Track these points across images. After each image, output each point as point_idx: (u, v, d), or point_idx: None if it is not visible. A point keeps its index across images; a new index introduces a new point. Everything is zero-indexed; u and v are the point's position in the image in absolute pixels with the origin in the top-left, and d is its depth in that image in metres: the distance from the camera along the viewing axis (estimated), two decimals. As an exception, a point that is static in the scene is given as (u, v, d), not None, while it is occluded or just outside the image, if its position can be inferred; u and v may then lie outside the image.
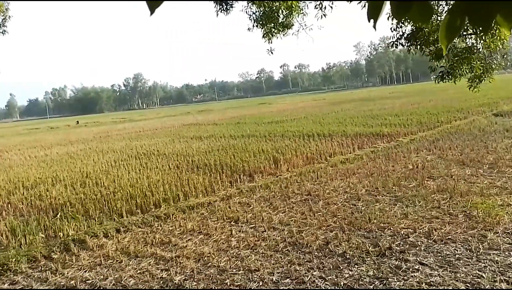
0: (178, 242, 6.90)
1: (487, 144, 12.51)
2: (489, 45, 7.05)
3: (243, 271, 5.64)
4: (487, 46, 7.12)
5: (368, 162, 11.78)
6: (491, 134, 14.25)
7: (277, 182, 10.32)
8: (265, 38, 9.79)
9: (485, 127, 15.97)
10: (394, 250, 5.83)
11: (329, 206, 8.06)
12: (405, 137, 15.60)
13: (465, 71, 7.62)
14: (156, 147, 19.30)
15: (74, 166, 15.50)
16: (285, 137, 18.46)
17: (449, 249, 5.69)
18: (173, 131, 29.19)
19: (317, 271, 5.45)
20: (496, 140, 13.14)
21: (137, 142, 22.83)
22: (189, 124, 34.80)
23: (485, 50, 7.38)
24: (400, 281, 4.99)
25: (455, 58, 7.49)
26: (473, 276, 4.91)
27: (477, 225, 6.37)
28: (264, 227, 7.21)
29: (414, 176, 9.59)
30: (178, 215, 8.36)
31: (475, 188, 8.19)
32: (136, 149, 19.25)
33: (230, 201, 9.08)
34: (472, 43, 7.52)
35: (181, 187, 10.27)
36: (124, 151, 19.20)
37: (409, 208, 7.48)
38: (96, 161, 16.57)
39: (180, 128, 31.28)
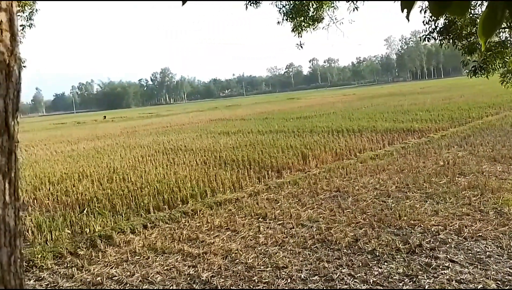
0: (206, 239, 6.88)
1: (519, 140, 12.04)
2: None
3: (271, 268, 5.61)
4: None
5: (398, 158, 11.55)
6: (525, 130, 13.70)
7: (305, 178, 10.27)
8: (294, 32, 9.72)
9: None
10: (424, 247, 5.71)
11: (359, 203, 7.96)
12: (436, 133, 15.22)
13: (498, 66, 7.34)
14: (183, 142, 19.36)
15: (101, 161, 15.53)
16: (313, 133, 18.32)
17: (480, 247, 5.53)
18: (201, 126, 29.39)
19: (346, 268, 5.40)
20: (529, 136, 12.62)
21: (164, 137, 22.93)
22: (217, 119, 34.93)
23: None
24: (430, 279, 4.89)
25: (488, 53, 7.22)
26: (504, 274, 4.76)
27: (508, 222, 6.17)
28: (292, 224, 7.18)
29: (445, 173, 9.34)
30: (206, 211, 8.38)
31: (507, 185, 7.95)
32: (163, 144, 19.30)
33: (258, 197, 9.08)
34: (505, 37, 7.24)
35: (209, 183, 10.33)
36: (151, 146, 19.25)
37: (439, 205, 7.30)
38: (123, 156, 16.61)
39: (207, 123, 31.47)
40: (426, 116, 20.17)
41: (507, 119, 16.86)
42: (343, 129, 18.33)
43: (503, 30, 7.05)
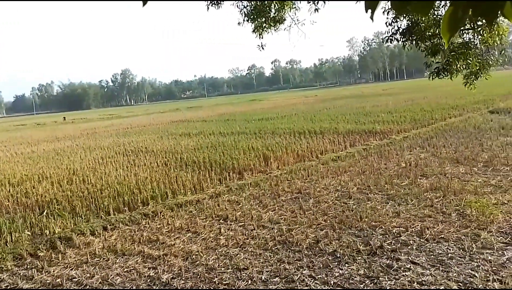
0: (166, 240, 6.77)
1: (482, 142, 12.46)
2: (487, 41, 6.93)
3: (231, 270, 5.52)
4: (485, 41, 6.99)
5: (360, 159, 11.69)
6: (486, 132, 14.21)
7: (267, 180, 10.19)
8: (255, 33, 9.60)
9: (480, 125, 15.91)
10: (386, 249, 5.73)
11: (320, 204, 7.94)
12: (398, 135, 15.53)
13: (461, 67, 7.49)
14: (144, 144, 19.08)
15: (61, 163, 15.29)
16: (275, 134, 18.32)
17: (442, 248, 5.60)
18: (162, 127, 28.96)
19: (307, 269, 5.34)
20: (491, 138, 13.10)
21: (124, 139, 22.61)
22: (178, 121, 34.57)
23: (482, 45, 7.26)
24: (391, 280, 4.88)
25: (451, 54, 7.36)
26: (466, 276, 4.81)
27: (470, 224, 6.29)
28: (253, 225, 7.08)
29: (407, 174, 9.50)
30: (166, 213, 8.22)
31: (469, 187, 8.11)
32: (124, 146, 19.04)
33: (219, 199, 8.93)
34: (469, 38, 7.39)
35: (169, 184, 10.11)
36: (111, 148, 18.98)
37: (401, 207, 7.38)
38: (83, 158, 16.34)
39: (168, 125, 31.03)
40: (388, 118, 20.58)
41: (470, 121, 17.33)
42: (305, 130, 18.43)
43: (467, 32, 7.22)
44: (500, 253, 5.29)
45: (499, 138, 12.87)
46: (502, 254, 5.25)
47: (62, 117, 67.58)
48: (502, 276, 4.71)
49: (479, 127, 15.34)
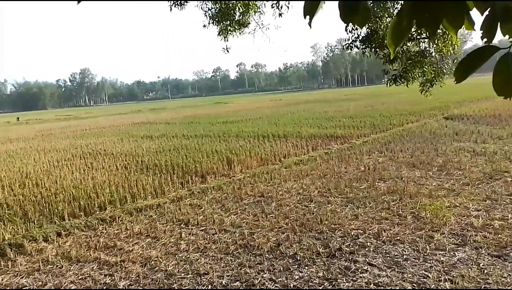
0: (124, 246, 6.59)
1: (437, 147, 12.97)
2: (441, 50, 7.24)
3: (191, 275, 5.45)
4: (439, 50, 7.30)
5: (322, 163, 11.87)
6: (441, 137, 14.82)
7: (230, 183, 10.15)
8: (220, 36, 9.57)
9: (435, 130, 16.59)
10: (344, 251, 5.83)
11: (282, 208, 8.00)
12: (358, 139, 15.91)
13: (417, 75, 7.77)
14: (103, 146, 18.59)
15: (13, 166, 14.62)
16: (239, 138, 18.31)
17: (397, 250, 5.76)
18: (122, 129, 28.30)
19: (268, 273, 5.35)
20: (446, 143, 13.67)
21: (82, 141, 21.93)
22: (140, 123, 33.93)
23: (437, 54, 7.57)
24: (349, 282, 4.97)
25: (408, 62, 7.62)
26: (420, 276, 4.97)
27: (424, 226, 6.51)
28: (215, 230, 7.03)
29: (365, 178, 9.74)
30: (125, 217, 8.00)
31: (424, 190, 8.42)
32: (81, 148, 18.47)
33: (181, 203, 8.80)
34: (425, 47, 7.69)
35: (129, 188, 9.86)
36: (68, 150, 18.34)
37: (359, 209, 7.55)
38: (37, 160, 15.66)
39: (129, 127, 30.37)
40: (349, 123, 21.06)
41: (426, 127, 18.02)
42: (269, 134, 18.54)
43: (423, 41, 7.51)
44: (451, 254, 5.51)
45: (453, 144, 13.45)
46: (454, 255, 5.47)
47: (15, 118, 65.23)
48: (453, 276, 4.90)
49: (435, 133, 15.99)
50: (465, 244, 5.75)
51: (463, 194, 8.01)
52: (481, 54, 1.28)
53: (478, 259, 5.28)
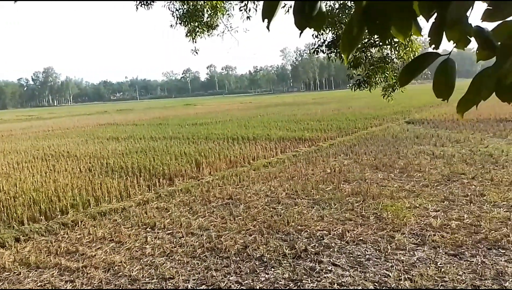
0: (86, 251, 6.42)
1: (398, 150, 13.39)
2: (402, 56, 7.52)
3: (156, 280, 5.38)
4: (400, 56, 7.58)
5: (290, 165, 12.01)
6: (402, 141, 15.30)
7: (198, 186, 10.10)
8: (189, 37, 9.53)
9: (397, 134, 17.12)
10: (310, 252, 5.93)
11: (250, 210, 8.03)
12: (325, 142, 16.19)
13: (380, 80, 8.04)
14: (66, 148, 18.07)
15: None
16: (209, 140, 18.25)
17: (360, 250, 5.91)
18: (87, 131, 27.58)
19: (234, 276, 5.37)
20: (407, 146, 14.13)
21: (44, 142, 21.22)
22: (106, 124, 33.18)
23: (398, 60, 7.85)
24: (313, 282, 5.06)
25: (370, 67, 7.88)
26: (381, 276, 5.12)
27: (386, 227, 6.71)
28: (182, 233, 6.97)
29: (331, 180, 9.93)
30: (88, 222, 7.80)
31: (386, 191, 8.67)
32: (43, 150, 17.86)
33: (147, 206, 8.68)
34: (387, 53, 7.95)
35: (93, 191, 9.62)
36: (29, 152, 17.68)
37: (325, 211, 7.69)
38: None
39: (95, 128, 29.64)
40: (316, 126, 21.39)
41: (389, 130, 18.59)
42: (238, 136, 18.57)
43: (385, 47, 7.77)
44: (411, 253, 5.71)
45: (414, 147, 13.93)
46: (413, 254, 5.67)
47: (-27, 118, 62.09)
48: (413, 275, 5.08)
49: (397, 136, 16.50)
50: (424, 244, 5.97)
51: (422, 195, 8.31)
52: (424, 60, 1.34)
53: (436, 258, 5.49)
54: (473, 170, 10.13)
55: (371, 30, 1.34)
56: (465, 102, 1.34)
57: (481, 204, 7.57)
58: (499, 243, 5.84)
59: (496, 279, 4.87)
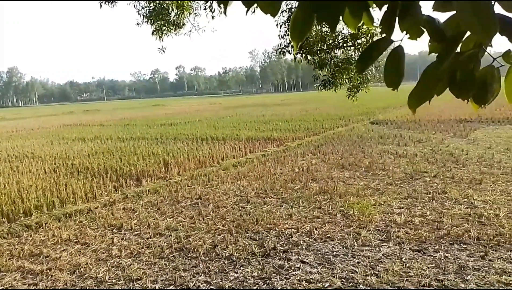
0: (51, 253, 6.24)
1: (364, 149, 13.73)
2: None
3: (123, 281, 5.30)
4: None
5: (259, 165, 12.07)
6: (367, 141, 15.70)
7: (166, 186, 9.99)
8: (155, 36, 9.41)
9: (363, 134, 17.54)
10: (278, 250, 5.99)
11: (219, 209, 8.02)
12: (293, 142, 16.38)
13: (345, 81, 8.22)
14: (30, 149, 17.46)
15: None
16: (177, 140, 18.09)
17: (328, 247, 6.03)
18: (52, 132, 26.69)
19: (203, 275, 5.35)
20: (371, 146, 14.51)
21: (8, 143, 20.42)
22: (72, 125, 32.27)
23: None
24: (282, 280, 5.11)
25: (335, 68, 8.04)
26: (348, 272, 5.24)
27: (352, 224, 6.87)
28: (149, 234, 6.88)
29: (299, 179, 10.06)
30: (52, 223, 7.57)
31: (352, 189, 8.87)
32: (7, 151, 17.19)
33: (114, 207, 8.51)
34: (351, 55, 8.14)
35: (58, 193, 9.34)
36: (-9, 153, 16.95)
37: (293, 209, 7.79)
38: (-45, 164, 14.27)
39: (60, 129, 28.76)
40: (285, 126, 21.61)
41: (354, 130, 19.03)
42: (207, 137, 18.51)
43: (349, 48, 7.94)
44: (377, 249, 5.87)
45: (378, 146, 14.32)
46: (379, 250, 5.83)
47: None
48: (378, 270, 5.23)
49: (362, 136, 16.91)
50: (389, 240, 6.15)
51: (387, 193, 8.56)
52: (378, 46, 1.34)
53: (400, 254, 5.67)
54: (435, 168, 10.52)
55: (320, 18, 1.31)
56: (416, 97, 1.31)
57: (443, 201, 7.88)
58: (461, 238, 6.10)
59: (458, 273, 5.08)
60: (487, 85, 1.27)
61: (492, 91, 1.28)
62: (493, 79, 1.27)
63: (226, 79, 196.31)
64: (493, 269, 5.12)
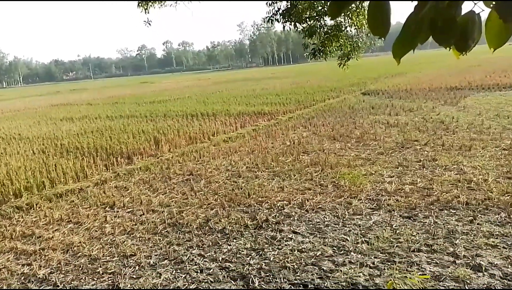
0: (43, 234, 6.24)
1: (355, 121, 13.73)
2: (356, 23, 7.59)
3: (117, 258, 5.33)
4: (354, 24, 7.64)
5: (250, 140, 12.05)
6: (359, 111, 15.69)
7: (157, 164, 9.95)
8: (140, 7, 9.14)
9: (354, 105, 17.52)
10: (271, 222, 6.04)
11: (211, 185, 8.04)
12: (284, 115, 16.32)
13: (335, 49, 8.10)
14: (17, 130, 17.22)
15: None
16: (167, 117, 17.93)
17: (319, 217, 6.09)
18: (40, 112, 26.32)
19: (196, 249, 5.40)
20: (363, 116, 14.51)
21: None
22: (59, 104, 31.81)
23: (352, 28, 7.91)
24: (274, 251, 5.18)
25: (325, 36, 7.91)
26: (339, 240, 5.31)
27: (344, 194, 6.93)
28: (142, 211, 6.89)
29: (291, 152, 10.07)
30: (44, 204, 7.55)
31: (343, 160, 8.91)
32: (-7, 134, 16.87)
33: (105, 185, 8.49)
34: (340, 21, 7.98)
35: (47, 173, 9.25)
36: (-23, 136, 16.65)
37: (285, 182, 7.82)
38: None
39: (47, 109, 28.35)
40: (275, 100, 21.48)
41: (346, 102, 18.99)
42: (197, 113, 18.37)
43: None
44: (368, 217, 5.94)
45: (369, 117, 14.34)
46: (370, 218, 5.91)
47: None
48: (369, 238, 5.30)
49: (353, 108, 16.90)
50: (380, 208, 6.23)
51: (378, 162, 8.62)
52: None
53: (391, 221, 5.75)
54: (425, 136, 10.59)
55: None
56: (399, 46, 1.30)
57: (433, 168, 7.96)
58: (450, 203, 6.19)
59: (447, 237, 5.17)
60: (468, 32, 1.26)
61: (473, 38, 1.27)
62: (474, 26, 1.26)
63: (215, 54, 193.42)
64: (481, 232, 5.22)
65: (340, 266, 4.67)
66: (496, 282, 4.14)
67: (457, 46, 1.30)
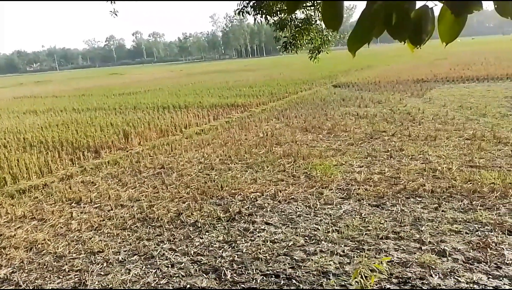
0: (4, 232, 5.99)
1: (326, 112, 13.85)
2: None
3: (84, 255, 5.17)
4: None
5: (223, 132, 11.96)
6: (330, 103, 15.83)
7: (127, 157, 9.73)
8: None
9: (325, 97, 17.68)
10: (243, 213, 6.01)
11: (183, 178, 7.92)
12: (257, 107, 16.29)
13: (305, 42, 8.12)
14: (-24, 124, 16.38)
15: None
16: (137, 110, 17.57)
17: (292, 208, 6.11)
18: (1, 105, 25.20)
19: (167, 243, 5.31)
20: (334, 108, 14.66)
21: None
22: (22, 97, 30.62)
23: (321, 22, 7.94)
24: (247, 242, 5.15)
25: (296, 29, 7.91)
26: (311, 230, 5.35)
27: (315, 184, 6.98)
28: (110, 206, 6.71)
29: (264, 144, 10.06)
30: (5, 201, 7.24)
31: (315, 151, 8.98)
32: None
33: (71, 180, 8.22)
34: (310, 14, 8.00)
35: (9, 169, 8.87)
36: None
37: (258, 173, 7.81)
38: None
39: (10, 102, 27.25)
40: (248, 92, 21.41)
41: (317, 94, 19.13)
42: (169, 105, 18.08)
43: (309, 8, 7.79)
44: (338, 207, 6.01)
45: (340, 109, 14.50)
46: (340, 207, 5.97)
47: None
48: (340, 227, 5.36)
49: (325, 100, 17.04)
50: (350, 197, 6.31)
51: (348, 153, 8.73)
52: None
53: (360, 210, 5.84)
54: (393, 127, 10.80)
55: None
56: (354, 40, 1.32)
57: (400, 158, 8.12)
58: (416, 192, 6.33)
59: (414, 224, 5.29)
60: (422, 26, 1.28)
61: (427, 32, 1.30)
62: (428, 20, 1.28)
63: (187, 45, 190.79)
64: (446, 219, 5.37)
65: (311, 255, 4.70)
66: (459, 267, 4.26)
67: (412, 40, 1.32)
